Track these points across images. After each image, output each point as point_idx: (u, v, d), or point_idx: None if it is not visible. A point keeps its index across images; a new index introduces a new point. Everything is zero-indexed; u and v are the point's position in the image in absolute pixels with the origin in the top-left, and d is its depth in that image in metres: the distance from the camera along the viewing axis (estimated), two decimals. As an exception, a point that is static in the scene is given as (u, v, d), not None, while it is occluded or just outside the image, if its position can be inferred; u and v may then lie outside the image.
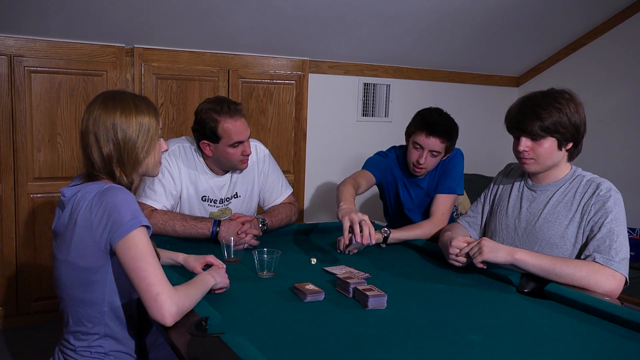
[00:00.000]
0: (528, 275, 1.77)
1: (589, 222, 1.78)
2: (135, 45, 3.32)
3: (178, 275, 1.71)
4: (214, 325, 1.35)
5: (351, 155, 4.20)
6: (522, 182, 1.99)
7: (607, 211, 1.75)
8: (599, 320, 1.51)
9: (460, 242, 1.87)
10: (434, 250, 2.14)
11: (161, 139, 1.57)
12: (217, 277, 1.57)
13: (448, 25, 3.83)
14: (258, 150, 2.45)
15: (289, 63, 3.81)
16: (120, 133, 1.45)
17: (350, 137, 4.17)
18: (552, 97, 1.80)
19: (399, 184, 2.59)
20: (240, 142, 2.20)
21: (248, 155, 2.27)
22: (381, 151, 2.65)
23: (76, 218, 1.41)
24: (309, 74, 3.90)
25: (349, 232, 1.93)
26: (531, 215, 1.90)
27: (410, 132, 2.44)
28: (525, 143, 1.82)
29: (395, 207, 2.66)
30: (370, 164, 2.55)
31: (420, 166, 2.40)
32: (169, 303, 1.30)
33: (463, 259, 1.86)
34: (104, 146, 1.45)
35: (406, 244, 2.28)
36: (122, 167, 1.48)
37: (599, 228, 1.74)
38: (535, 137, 1.80)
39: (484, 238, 1.83)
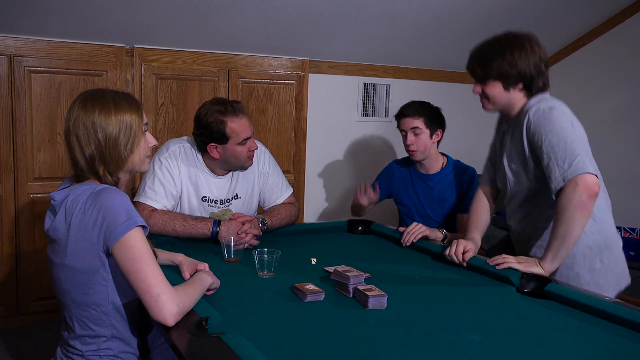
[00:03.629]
0: (528, 275, 1.77)
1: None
2: (135, 45, 3.32)
3: (177, 275, 1.71)
4: (214, 325, 1.35)
5: (351, 155, 4.20)
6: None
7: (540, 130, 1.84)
8: (599, 320, 1.51)
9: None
10: (434, 250, 2.15)
11: (147, 134, 1.55)
12: (210, 276, 1.59)
13: (448, 25, 3.83)
14: (258, 151, 2.45)
15: (289, 63, 3.81)
16: (101, 132, 1.44)
17: (350, 137, 4.17)
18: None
19: (408, 184, 2.72)
20: (248, 139, 2.25)
21: (254, 151, 2.32)
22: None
23: (70, 221, 1.40)
24: (309, 74, 3.89)
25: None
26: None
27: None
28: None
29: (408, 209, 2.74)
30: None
31: (410, 146, 2.57)
32: (170, 303, 1.31)
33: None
34: (85, 146, 1.44)
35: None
36: (106, 165, 1.46)
37: (539, 149, 1.82)
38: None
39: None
